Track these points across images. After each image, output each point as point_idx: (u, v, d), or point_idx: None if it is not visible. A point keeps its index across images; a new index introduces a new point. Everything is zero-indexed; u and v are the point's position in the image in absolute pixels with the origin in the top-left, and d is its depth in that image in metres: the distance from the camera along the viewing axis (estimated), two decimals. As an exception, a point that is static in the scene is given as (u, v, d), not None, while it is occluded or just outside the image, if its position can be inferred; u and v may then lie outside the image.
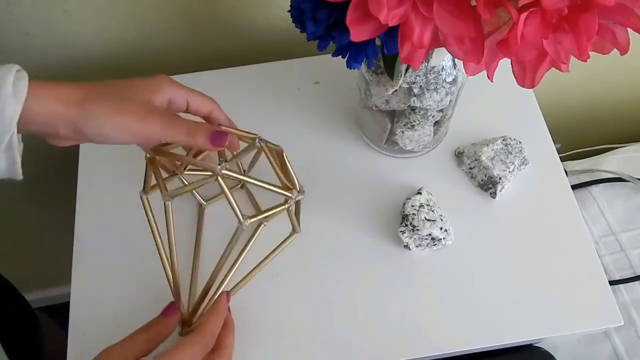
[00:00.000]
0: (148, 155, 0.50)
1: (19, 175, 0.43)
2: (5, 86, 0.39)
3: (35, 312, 0.76)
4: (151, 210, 0.52)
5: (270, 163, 0.53)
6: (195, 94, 0.50)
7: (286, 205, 0.52)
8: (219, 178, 0.46)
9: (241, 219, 0.46)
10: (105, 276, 0.61)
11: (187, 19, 0.72)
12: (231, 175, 0.47)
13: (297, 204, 0.56)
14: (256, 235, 0.58)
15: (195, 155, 0.53)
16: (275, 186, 0.51)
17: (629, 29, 0.36)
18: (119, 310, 0.59)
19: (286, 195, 0.52)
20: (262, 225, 0.58)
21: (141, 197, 0.52)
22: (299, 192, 0.53)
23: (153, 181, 0.52)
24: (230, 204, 0.46)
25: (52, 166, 0.90)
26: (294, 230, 0.59)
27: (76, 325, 0.58)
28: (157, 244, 0.53)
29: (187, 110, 0.50)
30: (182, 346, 0.45)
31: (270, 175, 0.53)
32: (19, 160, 0.42)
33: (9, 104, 0.39)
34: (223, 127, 0.50)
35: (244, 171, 0.63)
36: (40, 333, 0.73)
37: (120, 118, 0.42)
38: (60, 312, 0.66)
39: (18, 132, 0.40)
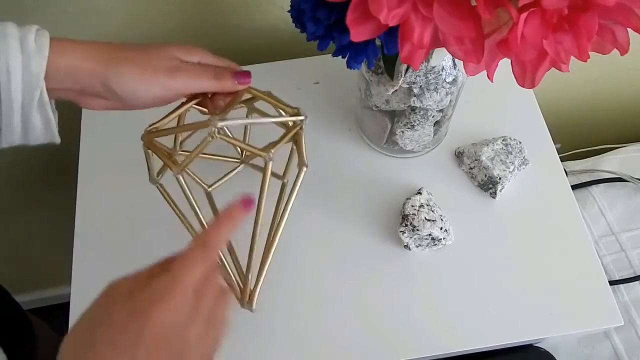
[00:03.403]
0: (144, 139, 0.49)
1: (56, 136, 0.44)
2: (27, 43, 0.40)
3: (29, 316, 0.75)
4: (168, 195, 0.51)
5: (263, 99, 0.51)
6: (222, 63, 0.50)
7: (296, 129, 0.49)
8: (215, 131, 0.45)
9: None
10: (105, 276, 0.61)
11: (187, 19, 0.72)
12: (228, 121, 0.45)
13: (299, 136, 0.51)
14: (300, 180, 0.51)
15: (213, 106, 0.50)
16: (277, 116, 0.50)
17: (629, 29, 0.36)
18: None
19: (293, 121, 0.50)
20: (304, 169, 0.50)
21: (157, 186, 0.50)
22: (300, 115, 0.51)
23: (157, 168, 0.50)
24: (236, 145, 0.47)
25: (53, 166, 0.90)
26: (301, 164, 0.50)
27: (76, 325, 0.58)
28: (185, 226, 0.51)
29: None
30: (180, 259, 0.38)
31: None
32: (52, 118, 0.43)
33: (33, 59, 0.39)
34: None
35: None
36: (34, 337, 0.72)
37: (150, 74, 0.43)
38: (59, 312, 0.66)
39: (49, 93, 0.41)
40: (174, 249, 0.47)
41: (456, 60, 0.56)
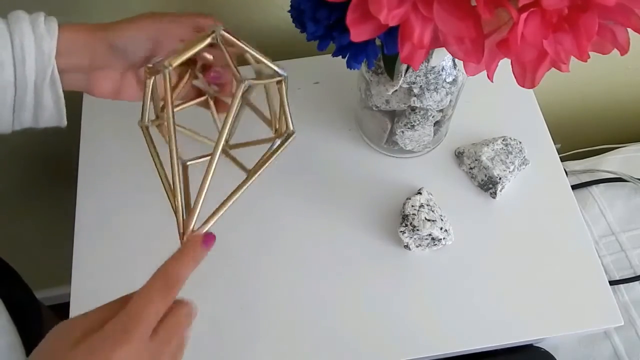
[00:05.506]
0: (146, 70, 0.48)
1: (64, 117, 0.47)
2: (38, 26, 0.44)
3: (40, 304, 0.76)
4: (151, 140, 0.49)
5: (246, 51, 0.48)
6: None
7: (276, 79, 0.49)
8: (222, 34, 0.45)
9: (238, 77, 0.44)
10: (105, 276, 0.61)
11: (187, 19, 0.72)
12: (230, 39, 0.46)
13: (281, 89, 0.50)
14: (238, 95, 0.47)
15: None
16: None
17: (629, 29, 0.36)
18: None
19: (278, 74, 0.49)
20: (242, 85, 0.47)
21: (142, 130, 0.49)
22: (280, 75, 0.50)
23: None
24: (229, 62, 0.46)
25: (53, 166, 0.90)
26: (286, 128, 0.50)
27: (76, 325, 0.58)
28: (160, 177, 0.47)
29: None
30: (138, 296, 0.36)
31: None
32: (62, 96, 0.46)
33: (45, 40, 0.43)
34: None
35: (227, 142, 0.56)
36: (42, 324, 0.73)
37: (141, 20, 0.49)
38: (59, 312, 0.66)
39: (61, 76, 0.45)
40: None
41: (456, 60, 0.56)
